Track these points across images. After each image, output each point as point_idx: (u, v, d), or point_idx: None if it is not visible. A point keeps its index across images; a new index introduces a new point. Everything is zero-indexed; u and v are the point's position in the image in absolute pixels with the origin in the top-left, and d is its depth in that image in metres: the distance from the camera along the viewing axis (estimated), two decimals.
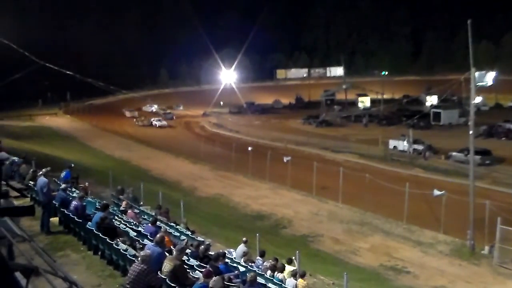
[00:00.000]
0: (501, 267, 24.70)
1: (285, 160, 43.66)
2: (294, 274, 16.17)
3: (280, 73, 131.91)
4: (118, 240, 13.60)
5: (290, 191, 40.02)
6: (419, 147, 52.69)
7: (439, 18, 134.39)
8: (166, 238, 14.03)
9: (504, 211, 26.70)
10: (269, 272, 16.40)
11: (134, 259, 11.55)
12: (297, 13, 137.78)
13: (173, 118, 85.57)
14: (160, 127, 77.64)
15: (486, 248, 26.30)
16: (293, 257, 18.86)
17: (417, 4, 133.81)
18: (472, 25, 28.01)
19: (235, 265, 15.54)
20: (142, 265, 10.52)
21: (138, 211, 21.44)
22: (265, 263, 17.35)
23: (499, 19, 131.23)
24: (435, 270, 24.90)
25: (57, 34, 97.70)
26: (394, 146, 54.77)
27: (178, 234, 18.58)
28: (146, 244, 13.33)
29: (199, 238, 18.92)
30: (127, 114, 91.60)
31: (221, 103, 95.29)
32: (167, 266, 11.22)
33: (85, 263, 13.80)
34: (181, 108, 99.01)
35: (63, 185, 18.33)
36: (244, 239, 18.50)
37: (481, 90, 28.81)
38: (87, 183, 21.70)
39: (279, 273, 16.38)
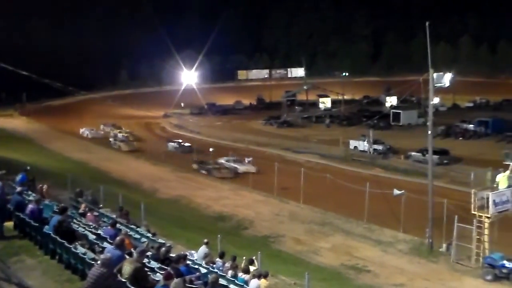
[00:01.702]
0: (458, 264, 25.27)
1: (246, 161, 43.75)
2: (257, 275, 16.13)
3: (241, 74, 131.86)
4: (76, 243, 13.31)
5: (251, 192, 40.04)
6: (379, 147, 53.39)
7: (399, 20, 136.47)
8: (127, 241, 13.81)
9: (461, 209, 27.31)
10: (230, 272, 16.34)
11: (93, 262, 11.31)
12: (258, 14, 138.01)
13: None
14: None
15: (444, 246, 26.84)
16: (254, 258, 18.86)
17: (377, 6, 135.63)
18: (430, 27, 28.52)
19: (196, 266, 15.41)
20: (101, 269, 10.30)
21: (98, 213, 21.04)
22: (226, 264, 17.29)
23: (456, 21, 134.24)
24: (394, 269, 25.26)
25: (12, 34, 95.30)
26: (355, 147, 55.35)
27: (138, 236, 18.31)
28: (105, 247, 13.09)
29: (160, 240, 18.69)
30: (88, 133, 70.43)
31: (182, 104, 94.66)
32: (127, 269, 11.01)
33: (41, 268, 13.45)
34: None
35: (18, 188, 17.85)
36: (205, 240, 18.38)
37: (439, 91, 29.50)
38: (44, 186, 21.17)
39: (244, 274, 16.33)
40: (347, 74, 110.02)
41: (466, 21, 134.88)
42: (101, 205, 23.94)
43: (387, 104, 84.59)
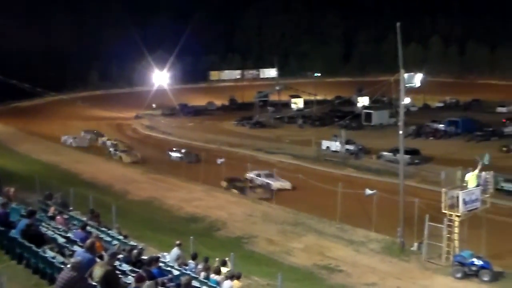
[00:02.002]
0: (429, 262, 25.55)
1: (218, 162, 43.54)
2: (229, 276, 16.08)
3: (214, 75, 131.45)
4: (45, 247, 13.04)
5: (224, 193, 39.93)
6: (351, 147, 53.72)
7: (370, 21, 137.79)
8: (97, 244, 13.61)
9: (432, 208, 27.63)
10: (203, 274, 16.25)
11: (62, 266, 11.09)
12: (230, 15, 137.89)
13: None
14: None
15: (415, 244, 27.12)
16: (227, 259, 18.78)
17: (348, 7, 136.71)
18: (401, 28, 28.78)
19: (169, 269, 15.28)
20: (71, 272, 10.13)
21: (68, 216, 20.70)
22: (198, 266, 17.19)
23: (426, 22, 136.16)
24: (367, 268, 25.42)
25: None
26: (327, 147, 55.58)
27: (110, 239, 18.06)
28: (75, 251, 12.85)
29: (132, 243, 18.47)
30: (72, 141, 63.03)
31: (154, 105, 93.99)
32: (98, 272, 10.82)
33: (7, 274, 13.10)
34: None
35: None
36: (177, 242, 18.25)
37: (410, 91, 29.85)
38: (11, 189, 20.70)
39: (215, 275, 16.25)
40: (319, 74, 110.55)
41: (436, 22, 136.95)
42: (71, 208, 23.54)
43: (359, 105, 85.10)
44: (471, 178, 25.09)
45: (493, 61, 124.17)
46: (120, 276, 11.72)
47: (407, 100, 34.30)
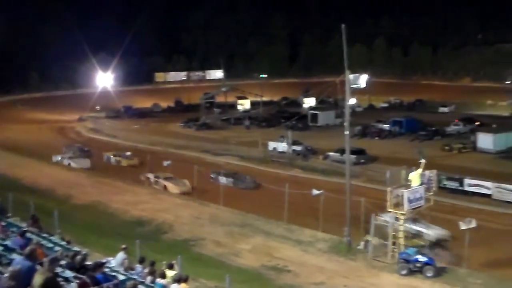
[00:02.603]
0: (375, 260, 25.92)
1: (165, 164, 43.05)
2: (177, 279, 15.83)
3: (159, 76, 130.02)
4: None
5: (171, 196, 39.42)
6: (298, 148, 54.05)
7: (316, 22, 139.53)
8: (39, 250, 13.06)
9: (377, 207, 28.08)
10: (149, 278, 15.94)
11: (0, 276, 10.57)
12: (176, 16, 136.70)
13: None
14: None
15: (362, 243, 27.47)
16: (174, 262, 18.50)
17: (294, 8, 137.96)
18: (346, 29, 29.11)
19: (114, 274, 14.85)
20: (9, 282, 9.65)
21: (5, 223, 19.85)
22: (144, 270, 16.87)
23: (371, 24, 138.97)
24: (314, 268, 25.57)
25: None
26: (274, 148, 55.75)
27: (52, 245, 17.42)
28: (14, 259, 12.28)
29: (75, 248, 17.89)
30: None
31: (98, 107, 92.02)
32: (37, 280, 10.34)
33: None
34: None
35: None
36: (123, 246, 17.83)
37: (356, 91, 30.24)
38: None
39: (161, 279, 15.96)
40: (265, 75, 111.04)
41: (381, 24, 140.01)
42: (9, 214, 22.61)
43: (305, 105, 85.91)
44: (415, 176, 25.61)
45: (435, 62, 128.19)
46: (62, 283, 11.26)
47: (352, 101, 34.61)
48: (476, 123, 66.44)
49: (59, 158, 52.21)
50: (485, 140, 53.89)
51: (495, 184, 38.39)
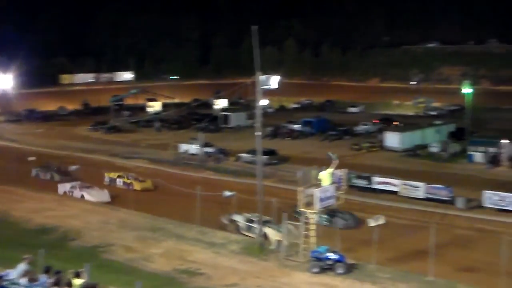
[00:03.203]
0: (288, 260, 26.09)
1: (72, 169, 41.53)
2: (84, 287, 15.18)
3: (65, 78, 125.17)
4: None
5: (79, 202, 37.94)
6: (210, 150, 53.80)
7: (227, 24, 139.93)
8: None
9: (290, 207, 28.31)
10: None
11: None
12: (83, 16, 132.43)
13: None
14: None
15: (274, 243, 27.59)
16: (82, 270, 17.67)
17: (206, 10, 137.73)
18: (257, 31, 29.14)
19: (14, 286, 13.97)
20: None
21: None
22: (49, 280, 15.99)
23: (282, 26, 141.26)
24: (227, 269, 25.41)
25: None
26: (185, 150, 55.23)
27: None
28: None
29: None
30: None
31: None
32: None
33: None
34: None
35: None
36: (24, 256, 16.84)
37: (267, 93, 30.43)
38: None
39: None
40: (177, 77, 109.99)
41: (292, 26, 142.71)
42: None
43: (217, 107, 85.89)
44: (326, 176, 25.98)
45: (345, 63, 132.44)
46: None
47: (264, 102, 34.77)
48: (394, 123, 69.13)
49: (68, 188, 40.47)
50: (392, 139, 56.12)
51: (401, 181, 39.99)
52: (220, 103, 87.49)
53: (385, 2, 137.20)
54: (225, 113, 76.47)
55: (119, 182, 43.71)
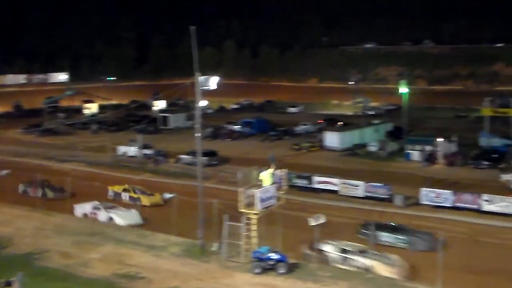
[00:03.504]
0: (229, 261, 25.94)
1: (3, 174, 40.00)
2: None
3: None
4: None
5: (11, 208, 36.33)
6: (149, 151, 53.01)
7: (165, 24, 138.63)
8: None
9: (230, 208, 28.10)
10: None
11: None
12: (14, 14, 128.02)
13: None
14: None
15: (215, 245, 27.36)
16: (13, 279, 16.95)
17: (143, 10, 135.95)
18: (196, 32, 28.85)
19: None
20: None
21: None
22: None
23: (221, 26, 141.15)
24: (168, 272, 25.03)
25: None
26: (124, 152, 54.22)
27: None
28: None
29: None
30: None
31: None
32: None
33: None
34: None
35: None
36: None
37: (206, 94, 30.18)
38: None
39: None
40: (114, 78, 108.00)
41: (231, 27, 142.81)
42: None
43: (155, 108, 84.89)
44: (266, 176, 25.97)
45: (284, 64, 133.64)
46: None
47: (203, 103, 34.40)
48: (339, 123, 70.02)
49: (89, 210, 35.10)
50: (331, 139, 56.90)
51: (341, 180, 40.56)
52: (159, 105, 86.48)
53: (323, 4, 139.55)
54: (164, 114, 75.66)
55: (125, 196, 39.23)
